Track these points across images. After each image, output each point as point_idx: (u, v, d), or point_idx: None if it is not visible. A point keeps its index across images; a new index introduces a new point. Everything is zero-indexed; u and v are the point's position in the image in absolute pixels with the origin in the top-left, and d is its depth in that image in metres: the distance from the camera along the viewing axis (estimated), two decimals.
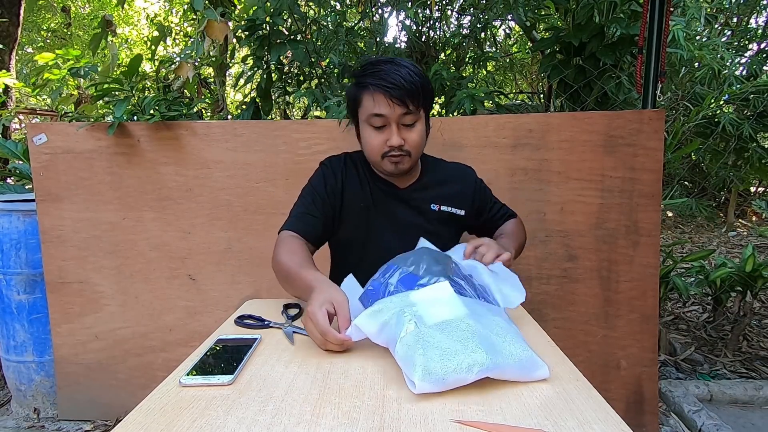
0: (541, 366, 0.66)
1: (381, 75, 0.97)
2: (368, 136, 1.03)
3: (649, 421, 1.70)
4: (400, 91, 0.96)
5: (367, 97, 1.00)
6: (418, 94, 0.98)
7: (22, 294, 1.80)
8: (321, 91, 1.95)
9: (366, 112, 1.01)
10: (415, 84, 0.97)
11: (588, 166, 1.63)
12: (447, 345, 0.65)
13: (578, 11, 2.00)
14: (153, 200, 1.74)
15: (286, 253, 0.98)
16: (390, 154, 1.02)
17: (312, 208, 1.08)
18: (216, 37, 1.83)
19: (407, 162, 1.04)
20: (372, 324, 0.73)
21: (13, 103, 4.55)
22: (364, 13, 2.37)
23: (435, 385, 0.62)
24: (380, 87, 0.96)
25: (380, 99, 0.97)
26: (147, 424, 0.57)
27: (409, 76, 0.97)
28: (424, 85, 1.00)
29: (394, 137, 0.99)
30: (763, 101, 2.50)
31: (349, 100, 1.07)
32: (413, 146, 1.03)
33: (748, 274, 2.14)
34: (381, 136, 1.01)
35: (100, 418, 1.83)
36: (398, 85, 0.95)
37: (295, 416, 0.59)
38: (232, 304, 1.75)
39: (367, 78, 0.99)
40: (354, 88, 1.04)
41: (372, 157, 1.06)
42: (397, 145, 1.00)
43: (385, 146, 1.01)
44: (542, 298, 1.69)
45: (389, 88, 0.95)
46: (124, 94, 1.69)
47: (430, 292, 0.76)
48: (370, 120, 1.01)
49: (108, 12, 7.56)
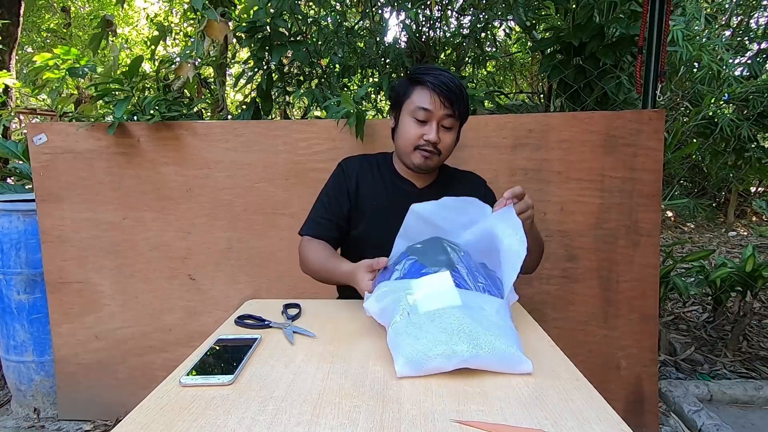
0: (524, 362, 0.69)
1: (438, 76, 1.06)
2: (408, 127, 1.10)
3: (649, 421, 1.70)
4: (451, 94, 1.05)
5: (419, 91, 1.08)
6: (462, 102, 1.08)
7: (22, 294, 1.80)
8: (321, 91, 1.95)
9: (413, 104, 1.08)
10: (462, 93, 1.08)
11: (588, 166, 1.63)
12: (434, 334, 0.70)
13: (578, 11, 2.00)
14: (153, 200, 1.74)
15: (313, 254, 1.12)
16: (423, 148, 1.09)
17: (324, 212, 1.18)
18: (216, 37, 1.83)
19: (436, 160, 1.11)
20: (375, 306, 0.82)
21: (13, 103, 4.55)
22: (364, 13, 2.37)
23: (414, 369, 0.68)
24: (435, 86, 1.05)
25: (432, 96, 1.06)
26: (147, 424, 0.57)
27: (460, 87, 1.07)
28: (467, 99, 1.11)
29: (433, 133, 1.07)
30: (762, 101, 2.50)
31: (397, 92, 1.14)
32: (445, 147, 1.11)
33: (748, 274, 2.14)
34: (420, 129, 1.08)
35: (100, 418, 1.83)
36: (450, 89, 1.05)
37: (295, 416, 0.59)
38: (232, 304, 1.75)
39: (425, 76, 1.07)
40: (406, 81, 1.12)
41: (405, 147, 1.12)
42: (434, 141, 1.07)
43: (420, 139, 1.08)
44: (542, 298, 1.69)
45: (443, 88, 1.05)
46: (124, 94, 1.69)
47: (429, 281, 0.80)
48: (416, 113, 1.08)
49: (108, 12, 7.56)
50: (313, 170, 1.68)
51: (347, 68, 2.33)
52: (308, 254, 1.13)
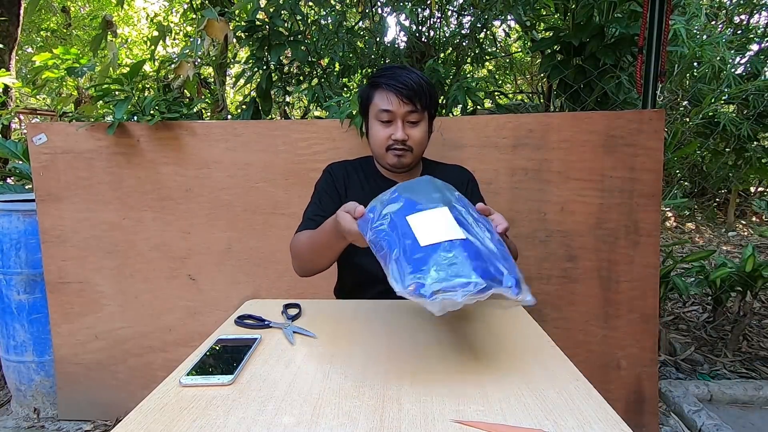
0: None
1: (393, 76, 1.08)
2: (375, 130, 1.12)
3: (649, 421, 1.70)
4: (409, 90, 1.06)
5: (379, 94, 1.10)
6: (424, 95, 1.08)
7: (22, 294, 1.80)
8: (321, 88, 1.95)
9: (376, 108, 1.11)
10: (422, 87, 1.08)
11: (588, 166, 1.63)
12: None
13: (578, 11, 2.00)
14: (153, 200, 1.74)
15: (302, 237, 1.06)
16: (393, 147, 1.10)
17: (318, 210, 1.16)
18: (216, 36, 1.83)
19: (409, 157, 1.12)
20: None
21: (13, 103, 4.55)
22: (364, 14, 2.37)
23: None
24: (391, 86, 1.07)
25: (390, 96, 1.08)
26: (147, 424, 0.57)
27: (418, 79, 1.08)
28: (430, 91, 1.11)
29: (399, 132, 1.09)
30: (763, 101, 2.50)
31: (362, 99, 1.17)
32: (415, 143, 1.11)
33: (748, 274, 2.14)
34: (387, 130, 1.10)
35: (100, 418, 1.83)
36: (407, 86, 1.06)
37: (295, 416, 0.59)
38: (232, 304, 1.75)
39: (380, 78, 1.10)
40: (367, 87, 1.15)
41: (377, 150, 1.14)
42: (401, 139, 1.09)
43: (389, 140, 1.10)
44: (542, 298, 1.69)
45: (399, 87, 1.06)
46: (124, 94, 1.69)
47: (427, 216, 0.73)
48: (379, 115, 1.10)
49: (108, 12, 7.56)
50: (313, 170, 1.68)
51: (347, 68, 2.33)
52: (296, 242, 1.07)
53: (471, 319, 0.94)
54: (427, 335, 0.85)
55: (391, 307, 1.02)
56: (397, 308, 1.01)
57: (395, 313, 0.98)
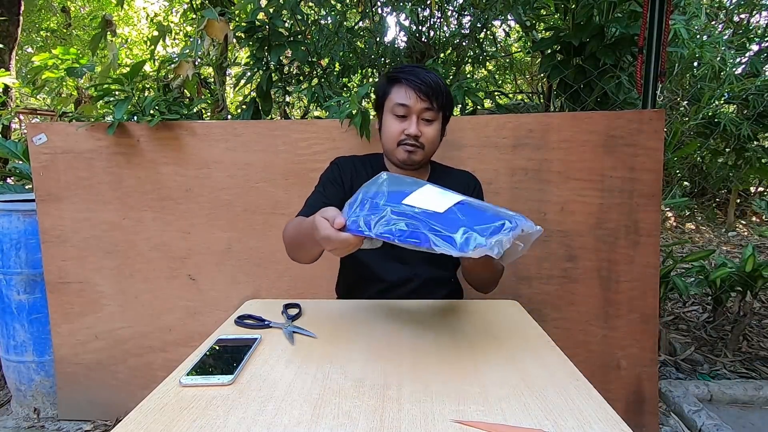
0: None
1: (412, 73, 1.09)
2: (389, 124, 1.12)
3: (649, 421, 1.70)
4: (427, 87, 1.07)
5: (397, 88, 1.10)
6: (441, 95, 1.09)
7: (22, 294, 1.80)
8: (321, 88, 1.95)
9: (392, 102, 1.11)
10: (440, 87, 1.09)
11: (588, 166, 1.63)
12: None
13: (578, 11, 2.00)
14: (153, 200, 1.74)
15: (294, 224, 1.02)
16: (405, 143, 1.10)
17: (321, 197, 1.14)
18: (216, 36, 1.83)
19: (420, 154, 1.12)
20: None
21: (13, 103, 4.55)
22: (364, 13, 2.37)
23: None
24: (410, 81, 1.08)
25: (408, 91, 1.08)
26: (147, 424, 0.57)
27: (437, 79, 1.09)
28: (447, 92, 1.12)
29: (413, 126, 1.08)
30: (763, 101, 2.50)
31: (378, 92, 1.16)
32: (428, 140, 1.11)
33: (748, 274, 2.14)
34: (401, 125, 1.10)
35: (100, 418, 1.83)
36: (425, 83, 1.07)
37: (295, 416, 0.59)
38: (232, 304, 1.75)
39: (399, 74, 1.10)
40: (385, 81, 1.14)
41: (388, 144, 1.14)
42: (414, 134, 1.09)
43: (402, 134, 1.10)
44: (542, 298, 1.69)
45: (417, 83, 1.07)
46: (124, 94, 1.69)
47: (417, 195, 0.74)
48: (395, 109, 1.10)
49: (108, 12, 7.56)
50: (313, 170, 1.68)
51: (347, 68, 2.33)
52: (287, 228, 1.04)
53: (471, 320, 0.94)
54: (427, 335, 0.85)
55: (391, 307, 1.02)
56: (397, 308, 1.01)
57: (395, 313, 0.98)
